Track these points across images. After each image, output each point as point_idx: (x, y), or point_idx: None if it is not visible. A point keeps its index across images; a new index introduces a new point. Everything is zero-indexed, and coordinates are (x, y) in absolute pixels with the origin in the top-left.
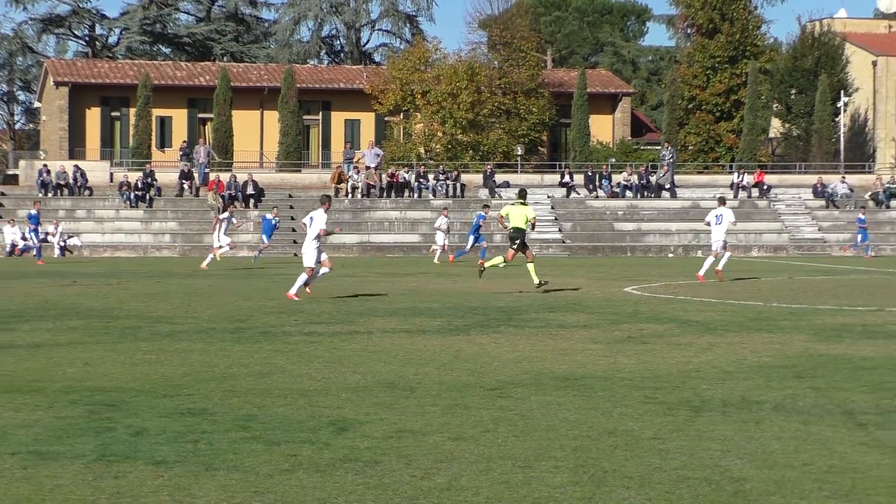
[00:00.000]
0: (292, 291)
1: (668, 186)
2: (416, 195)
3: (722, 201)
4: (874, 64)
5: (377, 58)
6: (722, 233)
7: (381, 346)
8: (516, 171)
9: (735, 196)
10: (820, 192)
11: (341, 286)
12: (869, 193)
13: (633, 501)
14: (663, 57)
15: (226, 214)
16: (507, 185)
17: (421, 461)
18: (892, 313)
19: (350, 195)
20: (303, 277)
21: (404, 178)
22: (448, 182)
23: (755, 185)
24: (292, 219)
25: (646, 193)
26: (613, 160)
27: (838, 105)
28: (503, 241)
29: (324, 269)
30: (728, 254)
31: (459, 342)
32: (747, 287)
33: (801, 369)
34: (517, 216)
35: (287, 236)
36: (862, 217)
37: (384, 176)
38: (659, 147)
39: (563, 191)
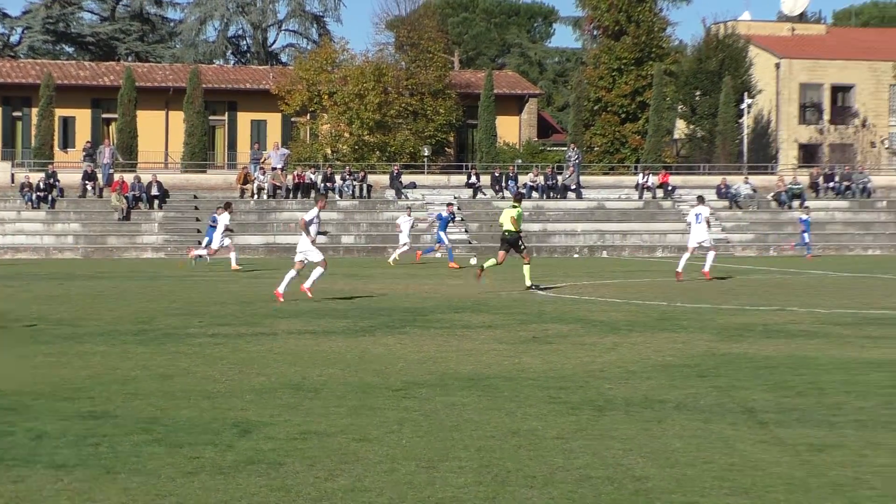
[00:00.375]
0: (307, 284)
1: (573, 187)
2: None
3: (701, 199)
4: (777, 66)
5: (284, 58)
6: (703, 231)
7: (286, 348)
8: (423, 172)
9: (640, 197)
10: (723, 192)
11: (251, 287)
12: (772, 194)
13: (536, 501)
14: (570, 58)
15: (226, 215)
16: (413, 185)
17: (325, 462)
18: (793, 313)
19: (256, 196)
20: (318, 271)
21: (310, 178)
22: (355, 183)
23: (660, 186)
24: (197, 220)
25: (552, 194)
26: (520, 161)
27: (742, 107)
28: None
29: (292, 273)
30: (713, 253)
31: (365, 343)
32: (652, 287)
33: (704, 368)
34: (506, 219)
35: (193, 237)
36: (804, 217)
37: (290, 177)
38: (565, 148)
39: (470, 191)
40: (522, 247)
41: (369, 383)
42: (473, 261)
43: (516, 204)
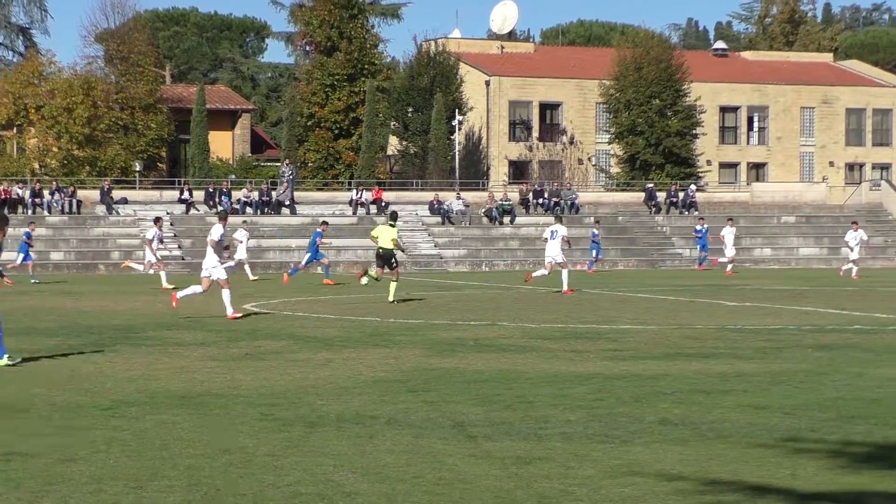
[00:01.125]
0: (229, 312)
1: (287, 203)
2: (30, 212)
3: (559, 218)
4: (487, 84)
5: None
6: (557, 248)
7: None
8: (135, 188)
9: (354, 213)
10: (436, 208)
11: None
12: (483, 210)
13: None
14: (283, 74)
15: (155, 230)
16: (124, 201)
17: (29, 484)
18: (504, 327)
19: None
20: (227, 294)
21: (18, 194)
22: (64, 198)
23: (373, 202)
24: None
25: (266, 210)
26: (233, 176)
27: (453, 123)
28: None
29: (200, 288)
30: (566, 270)
31: (74, 361)
32: (366, 303)
33: (415, 383)
34: (385, 237)
35: None
36: (595, 231)
37: None
38: (279, 164)
39: (183, 207)
40: (395, 264)
41: (77, 402)
42: (364, 281)
43: (394, 223)
